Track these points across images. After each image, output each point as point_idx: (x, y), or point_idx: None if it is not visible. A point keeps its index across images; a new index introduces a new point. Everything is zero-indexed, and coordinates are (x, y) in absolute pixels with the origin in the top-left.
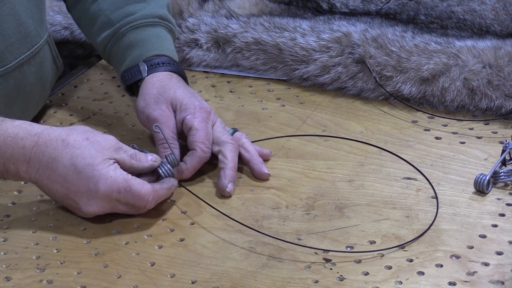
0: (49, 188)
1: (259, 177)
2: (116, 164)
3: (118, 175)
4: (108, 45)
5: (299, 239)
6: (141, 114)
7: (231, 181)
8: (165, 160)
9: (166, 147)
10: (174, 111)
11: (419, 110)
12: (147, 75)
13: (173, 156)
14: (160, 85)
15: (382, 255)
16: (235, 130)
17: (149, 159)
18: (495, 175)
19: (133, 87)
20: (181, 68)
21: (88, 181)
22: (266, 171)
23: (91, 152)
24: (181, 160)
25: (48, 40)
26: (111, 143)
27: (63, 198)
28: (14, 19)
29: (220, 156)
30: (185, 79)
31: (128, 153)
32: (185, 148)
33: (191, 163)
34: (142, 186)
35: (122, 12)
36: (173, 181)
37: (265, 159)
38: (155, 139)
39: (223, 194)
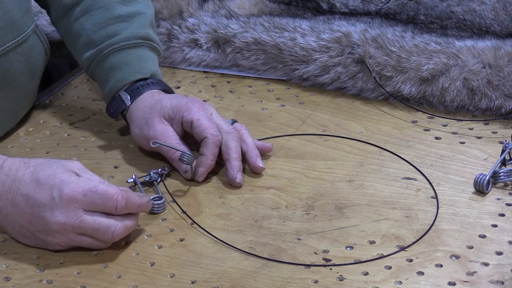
0: (13, 217)
1: (253, 170)
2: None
3: (82, 179)
4: (91, 65)
5: (299, 239)
6: (140, 139)
7: (239, 171)
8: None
9: (177, 155)
10: (170, 120)
11: (419, 110)
12: (130, 103)
13: (186, 154)
14: (145, 106)
15: (382, 255)
16: (234, 121)
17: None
18: (495, 175)
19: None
20: (164, 83)
21: (51, 189)
22: (261, 165)
23: (52, 166)
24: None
25: (36, 30)
26: (77, 164)
27: (28, 225)
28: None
29: (223, 147)
30: (170, 92)
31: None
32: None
33: (209, 150)
34: (109, 187)
35: (104, 32)
36: (146, 197)
37: (266, 153)
38: (164, 155)
39: (233, 185)
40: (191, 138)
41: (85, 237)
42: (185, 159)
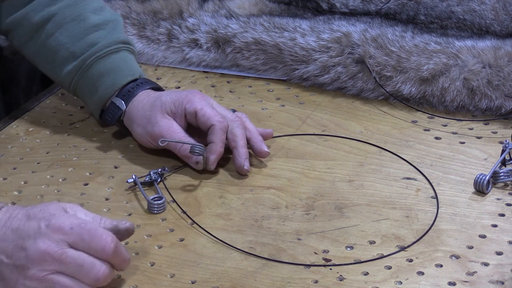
0: None
1: (259, 155)
2: None
3: (73, 215)
4: (74, 78)
5: (298, 239)
6: (144, 138)
7: (247, 158)
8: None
9: (186, 148)
10: (173, 114)
11: (419, 110)
12: (126, 107)
13: (197, 146)
14: (143, 105)
15: (382, 255)
16: (234, 111)
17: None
18: (495, 175)
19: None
20: (152, 81)
21: (39, 221)
22: (266, 150)
23: (45, 203)
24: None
25: None
26: (73, 205)
27: (8, 260)
28: None
29: (229, 135)
30: (160, 90)
31: None
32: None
33: (217, 137)
34: (99, 227)
35: (83, 43)
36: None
37: (268, 138)
38: (172, 150)
39: (241, 173)
40: (195, 132)
41: (64, 277)
42: (196, 150)
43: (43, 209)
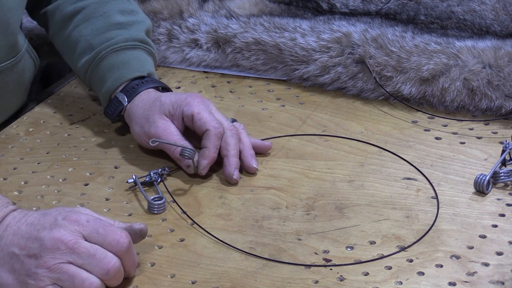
0: (8, 246)
1: (247, 170)
2: None
3: (90, 212)
4: (88, 69)
5: (299, 239)
6: (141, 138)
7: (236, 168)
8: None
9: (178, 151)
10: (171, 116)
11: (419, 110)
12: (127, 103)
13: (187, 149)
14: (144, 104)
15: (382, 255)
16: (234, 120)
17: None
18: (495, 176)
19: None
20: (160, 81)
21: (56, 216)
22: (254, 165)
23: (61, 206)
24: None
25: (27, 48)
26: (88, 210)
27: (20, 251)
28: (5, 29)
29: (222, 143)
30: (168, 90)
31: None
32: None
33: (211, 142)
34: (114, 225)
35: (103, 37)
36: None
37: (266, 151)
38: (166, 152)
39: (229, 182)
40: (193, 135)
41: (74, 267)
42: (186, 154)
43: (59, 209)
